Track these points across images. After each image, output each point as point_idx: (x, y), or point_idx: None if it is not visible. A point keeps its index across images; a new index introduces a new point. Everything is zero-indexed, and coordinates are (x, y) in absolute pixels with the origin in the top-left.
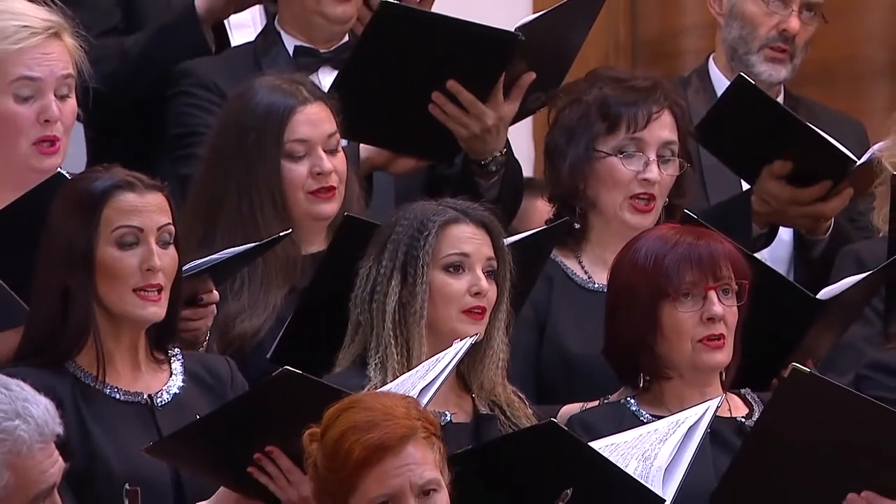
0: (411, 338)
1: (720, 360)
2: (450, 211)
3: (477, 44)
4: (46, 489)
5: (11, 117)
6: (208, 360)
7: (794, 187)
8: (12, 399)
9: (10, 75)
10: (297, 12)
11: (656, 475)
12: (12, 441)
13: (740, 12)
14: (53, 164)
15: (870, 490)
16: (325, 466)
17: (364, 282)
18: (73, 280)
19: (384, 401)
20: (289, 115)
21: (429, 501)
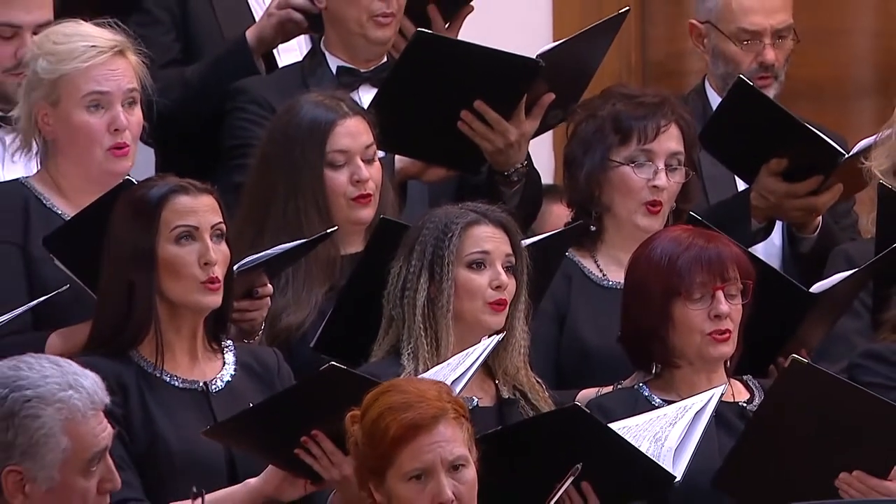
0: (439, 329)
1: (725, 352)
2: (471, 213)
3: (502, 68)
4: (99, 451)
5: (86, 128)
6: (257, 351)
7: (790, 183)
8: (64, 373)
9: (81, 91)
10: (342, 35)
11: (667, 455)
12: (68, 409)
13: (721, 52)
14: (125, 166)
15: (860, 470)
16: (364, 444)
17: (395, 280)
18: (136, 276)
19: (418, 385)
20: (330, 128)
21: (458, 476)
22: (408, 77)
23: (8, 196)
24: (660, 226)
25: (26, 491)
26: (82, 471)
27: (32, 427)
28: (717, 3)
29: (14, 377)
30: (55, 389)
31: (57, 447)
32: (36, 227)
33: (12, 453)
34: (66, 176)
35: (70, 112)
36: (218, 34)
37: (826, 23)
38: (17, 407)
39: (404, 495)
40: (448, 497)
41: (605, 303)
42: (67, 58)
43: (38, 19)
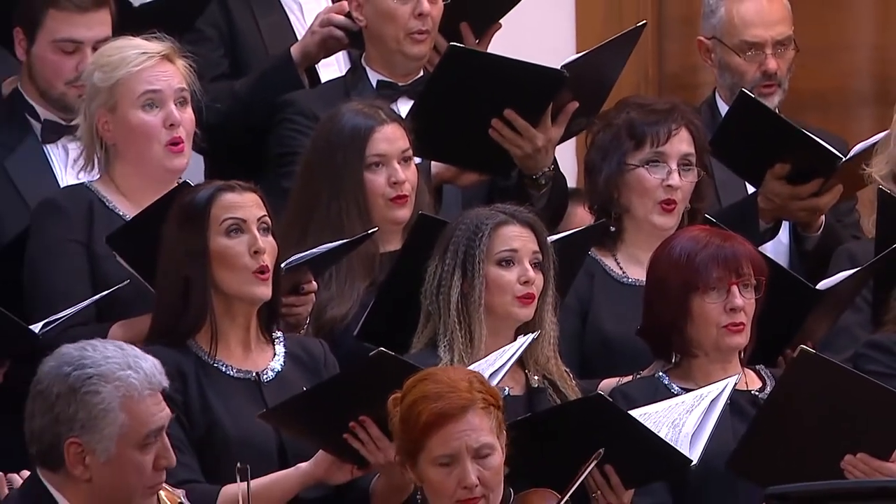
0: (472, 323)
1: (740, 343)
2: (500, 214)
3: (529, 79)
4: (155, 430)
5: (142, 126)
6: (305, 342)
7: (793, 186)
8: (125, 355)
9: (136, 92)
10: (381, 51)
11: (684, 440)
12: (126, 387)
13: (727, 64)
14: (181, 163)
15: (864, 452)
16: (399, 428)
17: (431, 277)
18: (191, 272)
19: (452, 375)
20: (369, 134)
21: (483, 462)
22: (442, 88)
23: (74, 198)
24: (675, 223)
25: (86, 462)
26: (138, 446)
27: (92, 402)
28: (721, 19)
29: (78, 357)
30: (115, 369)
31: (114, 422)
32: (99, 226)
33: (73, 426)
34: (126, 178)
35: (127, 113)
36: (262, 50)
37: (829, 38)
38: (79, 384)
39: (433, 479)
40: (472, 482)
41: (625, 298)
42: (121, 65)
43: (97, 35)
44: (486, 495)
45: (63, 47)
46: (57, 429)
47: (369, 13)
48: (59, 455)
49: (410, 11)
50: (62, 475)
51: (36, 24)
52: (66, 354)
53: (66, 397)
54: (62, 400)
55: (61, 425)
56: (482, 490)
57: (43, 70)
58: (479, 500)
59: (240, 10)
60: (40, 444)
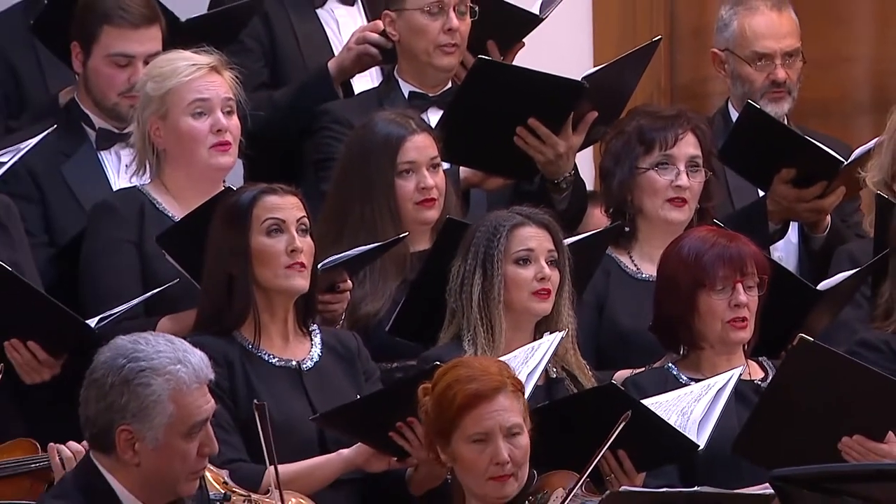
0: (493, 318)
1: (743, 337)
2: (517, 216)
3: (551, 90)
4: (201, 421)
5: (191, 131)
6: (340, 335)
7: (799, 189)
8: (175, 349)
9: (185, 100)
10: (413, 64)
11: (692, 427)
12: (175, 380)
13: (739, 74)
14: (228, 161)
15: (860, 434)
16: (433, 410)
17: (455, 277)
18: (235, 269)
19: (482, 362)
20: (401, 143)
21: (513, 441)
22: (471, 99)
23: (127, 201)
24: (686, 218)
25: (136, 448)
26: (184, 435)
27: (144, 394)
28: (734, 32)
29: (132, 349)
30: (166, 363)
31: (163, 412)
32: (150, 227)
33: (125, 414)
34: (176, 181)
35: (178, 120)
36: (301, 62)
37: (831, 52)
38: (132, 375)
39: (467, 456)
40: (504, 458)
41: (639, 293)
42: (172, 75)
43: (149, 50)
44: (515, 473)
45: (117, 61)
46: (110, 416)
47: (402, 28)
48: (111, 440)
49: (440, 27)
50: (113, 458)
51: (92, 39)
52: (121, 346)
53: (120, 387)
54: (115, 390)
55: (114, 413)
56: (512, 468)
57: (98, 82)
58: (509, 477)
59: (280, 24)
60: (94, 428)
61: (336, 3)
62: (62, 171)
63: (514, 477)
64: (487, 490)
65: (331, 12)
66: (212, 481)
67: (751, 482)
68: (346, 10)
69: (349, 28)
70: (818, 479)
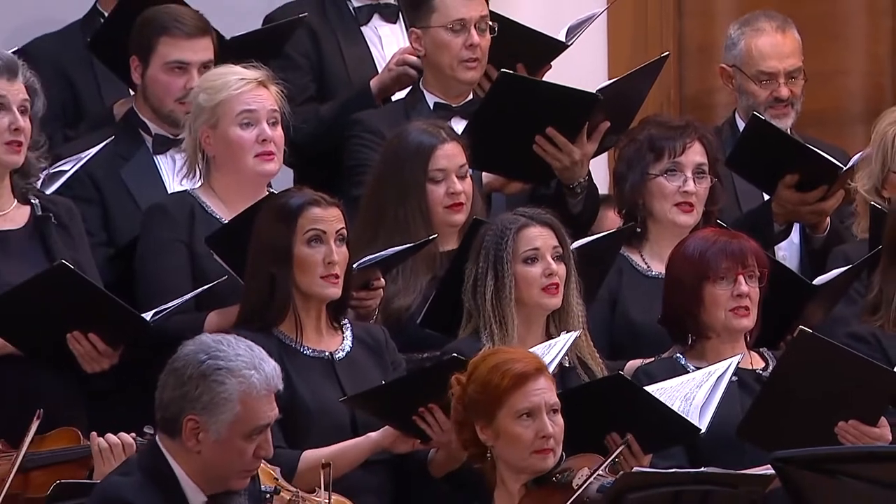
0: (505, 315)
1: (746, 325)
2: (521, 218)
3: (567, 101)
4: (262, 426)
5: (239, 140)
6: (369, 328)
7: (802, 193)
8: (252, 356)
9: (234, 112)
10: (437, 77)
11: (694, 411)
12: (247, 384)
13: (745, 90)
14: (272, 169)
15: (854, 419)
16: (477, 392)
17: (468, 279)
18: (277, 270)
19: (514, 349)
20: (432, 151)
21: (555, 418)
22: (493, 109)
23: (178, 204)
24: (693, 221)
25: (199, 437)
26: (245, 436)
27: (216, 390)
28: (741, 51)
29: (214, 348)
30: (241, 366)
31: (231, 411)
32: (199, 228)
33: (196, 405)
34: (223, 185)
35: (227, 129)
36: (346, 77)
37: (827, 66)
38: (209, 372)
39: (513, 431)
40: (550, 432)
41: (650, 289)
42: (223, 88)
43: (202, 58)
44: (555, 448)
45: (173, 69)
46: (182, 404)
47: (427, 44)
48: (179, 426)
49: (462, 42)
50: (178, 443)
51: (150, 51)
52: (205, 343)
53: (196, 380)
54: (192, 381)
55: (186, 402)
56: (554, 442)
57: (156, 89)
58: (550, 451)
59: (327, 41)
60: (165, 412)
61: (380, 20)
62: (120, 174)
63: (553, 452)
64: (530, 462)
65: (375, 30)
66: (264, 476)
67: (753, 463)
68: (390, 27)
69: (391, 45)
70: (816, 461)
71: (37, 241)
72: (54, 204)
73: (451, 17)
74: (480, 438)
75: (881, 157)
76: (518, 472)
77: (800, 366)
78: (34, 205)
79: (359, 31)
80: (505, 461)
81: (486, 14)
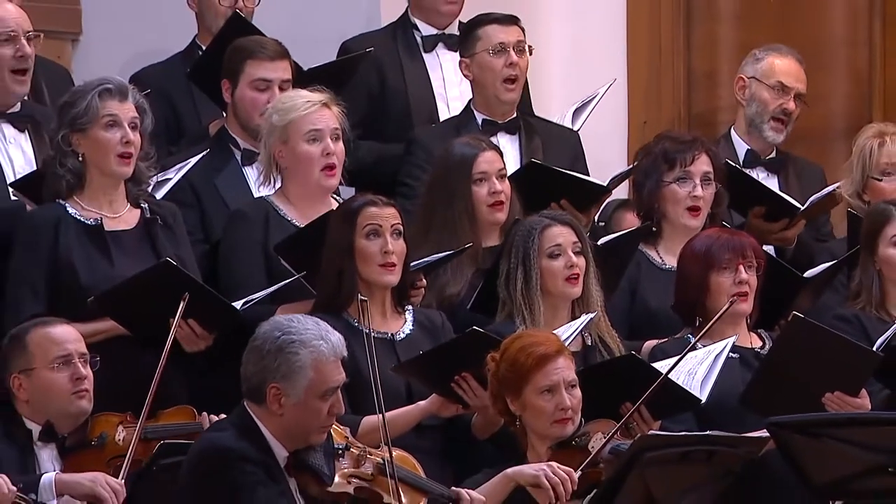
0: (533, 303)
1: (745, 309)
2: (545, 219)
3: (581, 187)
4: (333, 388)
5: (307, 155)
6: (429, 313)
7: (768, 223)
8: (319, 329)
9: (302, 130)
10: (484, 97)
11: (696, 385)
12: (317, 353)
13: (758, 97)
14: (333, 183)
15: (839, 390)
16: (507, 370)
17: (502, 272)
18: (343, 263)
19: (539, 332)
20: (475, 157)
21: (572, 392)
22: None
23: (256, 209)
24: (700, 223)
25: (281, 402)
26: (319, 397)
27: (292, 360)
28: (763, 65)
29: (287, 326)
30: (311, 338)
31: (305, 377)
32: (273, 230)
33: (276, 375)
34: (294, 193)
35: (296, 145)
36: (405, 100)
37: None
38: (285, 345)
39: (537, 404)
40: (567, 405)
41: (664, 280)
42: (292, 109)
43: (282, 77)
44: (573, 418)
45: (258, 86)
46: (264, 375)
47: (474, 69)
48: (263, 394)
49: (503, 63)
50: (263, 408)
51: (238, 72)
52: (279, 322)
53: (274, 354)
54: (271, 355)
55: (267, 373)
56: (571, 413)
57: (244, 106)
58: (568, 420)
59: (392, 64)
60: (250, 384)
61: (443, 49)
62: (215, 182)
63: (571, 421)
64: (552, 430)
65: (437, 56)
66: (336, 435)
67: (752, 428)
68: (451, 55)
69: (450, 70)
70: (805, 425)
71: (146, 240)
72: (160, 207)
73: (492, 42)
74: (511, 409)
75: (861, 165)
76: (542, 437)
77: (793, 345)
78: (143, 208)
79: (421, 57)
80: (531, 428)
81: (522, 39)
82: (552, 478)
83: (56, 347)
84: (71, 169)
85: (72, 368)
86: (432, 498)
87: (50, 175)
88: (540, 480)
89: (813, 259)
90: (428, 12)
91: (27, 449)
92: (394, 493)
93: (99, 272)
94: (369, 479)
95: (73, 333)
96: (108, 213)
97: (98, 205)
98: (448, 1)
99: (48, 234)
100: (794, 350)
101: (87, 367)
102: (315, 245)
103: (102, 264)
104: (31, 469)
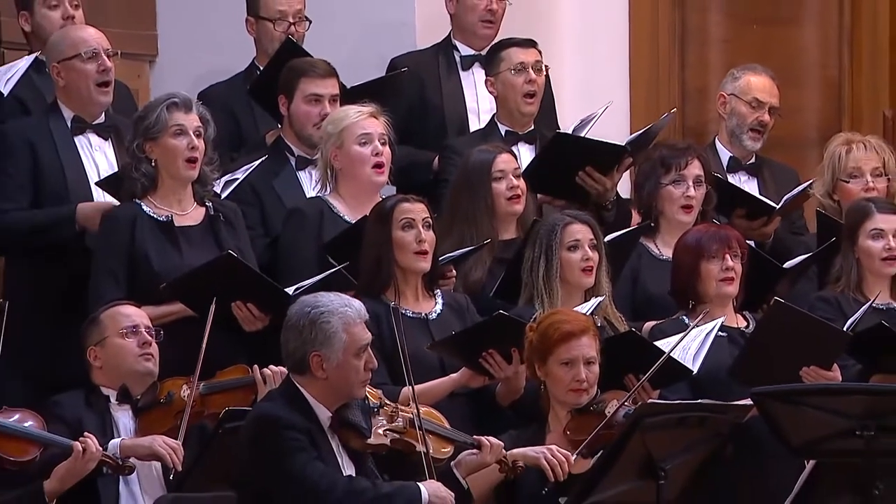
0: (552, 289)
1: (731, 291)
2: (566, 217)
3: (603, 150)
4: (365, 345)
5: (359, 155)
6: (455, 296)
7: (749, 220)
8: (342, 300)
9: (354, 134)
10: (507, 110)
11: (689, 358)
12: (345, 317)
13: (736, 111)
14: (382, 180)
15: (814, 365)
16: (538, 340)
17: (527, 261)
18: (381, 254)
19: (572, 311)
20: (493, 159)
21: (590, 368)
22: (550, 155)
23: (312, 206)
24: (692, 219)
25: (324, 367)
26: (355, 354)
27: (326, 328)
28: (741, 83)
29: (314, 302)
30: (337, 306)
31: (340, 340)
32: (327, 225)
33: (315, 344)
34: (347, 191)
35: (350, 147)
36: (441, 113)
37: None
38: (317, 317)
39: (557, 374)
40: (582, 378)
41: (662, 269)
42: (345, 118)
43: (331, 92)
44: (588, 389)
45: (310, 100)
46: (304, 347)
47: (498, 86)
48: (306, 364)
49: (523, 80)
50: (307, 377)
51: (293, 89)
52: (306, 300)
53: (309, 326)
54: (307, 328)
55: (307, 345)
56: (587, 385)
57: (298, 118)
58: (584, 392)
59: (431, 80)
60: (293, 358)
61: (479, 68)
62: (273, 184)
63: (586, 392)
64: (567, 398)
65: (472, 74)
66: (371, 396)
67: (739, 397)
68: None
69: (484, 88)
70: (785, 394)
71: (210, 234)
72: (223, 206)
73: (514, 62)
74: (538, 374)
75: (831, 169)
76: (560, 403)
77: (774, 326)
78: (208, 206)
79: (458, 74)
80: (552, 394)
81: (539, 59)
82: (551, 459)
83: (125, 319)
84: (145, 173)
85: (139, 336)
86: (457, 445)
87: (127, 179)
88: (540, 462)
89: (791, 250)
90: (467, 35)
91: (106, 413)
92: (422, 440)
93: (170, 262)
94: (402, 432)
95: (139, 311)
96: (177, 210)
97: (168, 203)
98: (485, 25)
99: (127, 230)
100: (775, 330)
101: (151, 337)
102: (357, 241)
103: (173, 255)
104: (109, 430)
